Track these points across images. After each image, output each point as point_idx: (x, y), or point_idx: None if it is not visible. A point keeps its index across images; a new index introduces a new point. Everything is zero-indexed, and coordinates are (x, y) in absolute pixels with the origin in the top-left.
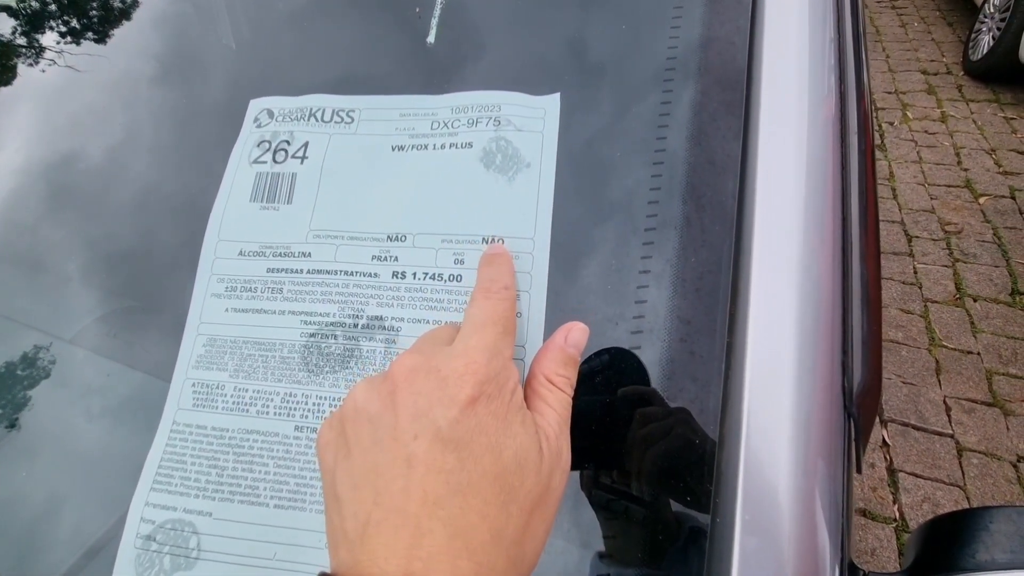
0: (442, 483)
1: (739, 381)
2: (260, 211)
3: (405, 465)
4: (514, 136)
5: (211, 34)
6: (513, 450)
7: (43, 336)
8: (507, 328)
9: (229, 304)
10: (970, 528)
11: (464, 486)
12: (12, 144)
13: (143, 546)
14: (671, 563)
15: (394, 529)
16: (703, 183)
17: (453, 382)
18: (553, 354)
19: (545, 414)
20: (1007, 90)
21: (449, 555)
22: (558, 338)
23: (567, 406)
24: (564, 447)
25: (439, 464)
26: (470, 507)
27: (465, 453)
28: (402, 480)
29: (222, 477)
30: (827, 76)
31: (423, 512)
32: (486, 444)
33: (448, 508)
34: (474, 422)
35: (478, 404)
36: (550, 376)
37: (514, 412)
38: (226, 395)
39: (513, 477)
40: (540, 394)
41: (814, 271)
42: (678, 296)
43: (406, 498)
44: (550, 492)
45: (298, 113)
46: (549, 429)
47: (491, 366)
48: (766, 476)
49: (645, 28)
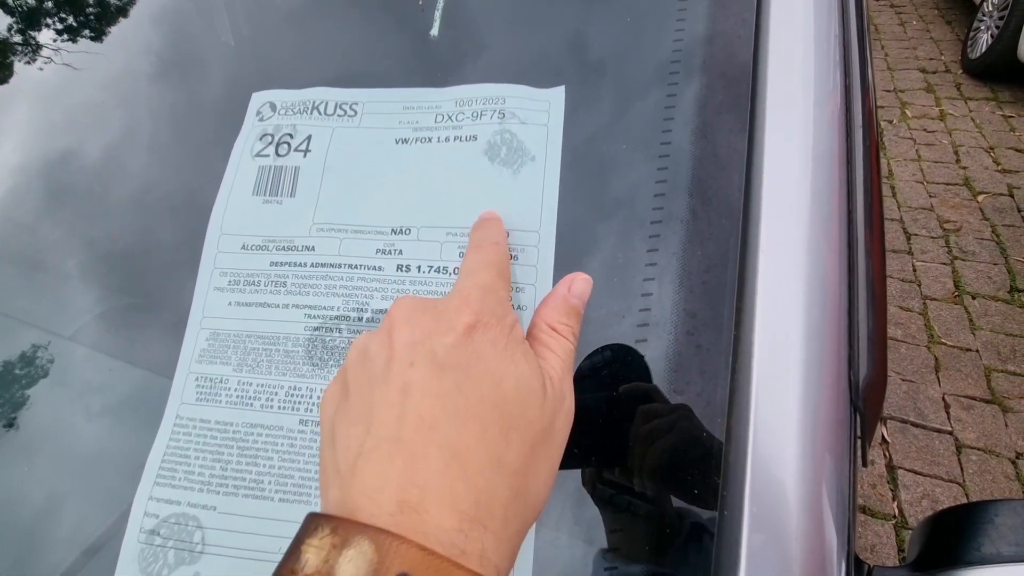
0: (438, 407)
1: (746, 375)
2: (263, 205)
3: (401, 393)
4: (519, 129)
5: (210, 29)
6: (514, 378)
7: (44, 333)
8: (501, 272)
9: (232, 298)
10: (975, 521)
11: (461, 409)
12: (13, 142)
13: (147, 540)
14: (677, 558)
15: (387, 457)
16: (709, 177)
17: (450, 313)
18: (556, 303)
19: (548, 359)
20: (1005, 88)
21: (446, 479)
22: (561, 288)
23: (571, 353)
24: (568, 392)
25: (435, 388)
26: (467, 430)
27: (462, 376)
28: (397, 408)
29: (226, 471)
30: (832, 72)
31: (418, 437)
32: (484, 369)
33: (444, 431)
34: (472, 348)
35: (475, 331)
36: (553, 324)
37: (515, 344)
38: (230, 389)
39: (513, 406)
40: (542, 340)
41: (820, 265)
42: (684, 290)
43: (400, 424)
44: (554, 432)
45: (301, 106)
46: (553, 371)
47: (487, 299)
48: (773, 470)
49: (650, 21)
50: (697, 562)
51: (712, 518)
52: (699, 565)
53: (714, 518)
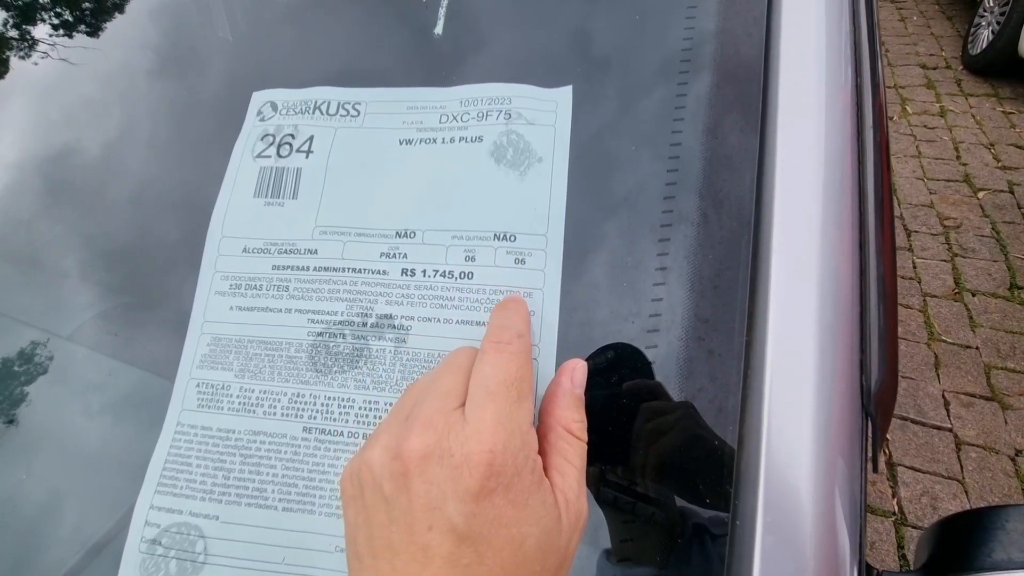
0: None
1: (758, 381)
2: (264, 207)
3: (422, 554)
4: (525, 130)
5: (208, 25)
6: (535, 538)
7: (43, 333)
8: (522, 391)
9: (234, 302)
10: (986, 527)
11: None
12: (14, 140)
13: (148, 550)
14: (688, 565)
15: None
16: (720, 177)
17: (467, 472)
18: (565, 400)
19: (566, 473)
20: (1006, 84)
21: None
22: (564, 381)
23: (584, 456)
24: (583, 507)
25: (455, 558)
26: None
27: (483, 547)
28: (418, 566)
29: (228, 479)
30: (844, 69)
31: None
32: (506, 537)
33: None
34: (492, 514)
35: (495, 495)
36: (568, 426)
37: (534, 494)
38: (232, 395)
39: (534, 564)
40: (559, 448)
41: (832, 268)
42: (695, 294)
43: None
44: (567, 558)
45: (302, 106)
46: (570, 492)
47: (508, 448)
48: (786, 477)
49: (659, 18)
50: (708, 565)
51: (724, 525)
52: (711, 568)
53: (726, 525)
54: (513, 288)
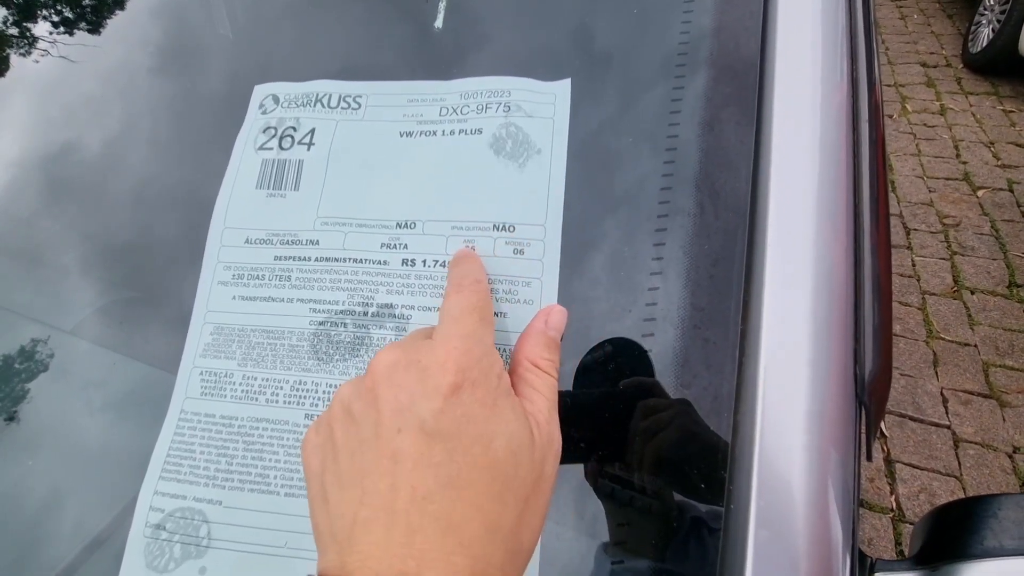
0: (431, 477)
1: (753, 369)
2: (267, 198)
3: (391, 461)
4: (524, 122)
5: (209, 20)
6: (505, 437)
7: (46, 327)
8: (484, 316)
9: (236, 292)
10: (978, 515)
11: (454, 478)
12: (18, 136)
13: (153, 535)
14: (683, 550)
15: (383, 528)
16: (716, 170)
17: (434, 371)
18: (536, 338)
19: (533, 399)
20: (1006, 83)
21: (443, 551)
22: (538, 322)
23: (554, 389)
24: (555, 432)
25: (426, 457)
26: (462, 500)
27: (453, 443)
28: (389, 477)
29: (231, 466)
30: (840, 65)
31: (412, 508)
32: (475, 433)
33: (439, 502)
34: (460, 411)
35: (462, 392)
36: (535, 360)
37: (502, 398)
38: (234, 383)
39: (506, 466)
40: (526, 379)
41: (827, 259)
42: (691, 283)
43: (394, 495)
44: (544, 479)
45: (304, 99)
46: (539, 415)
47: (472, 352)
48: (780, 464)
49: (657, 13)
50: (703, 555)
51: (718, 511)
52: (705, 558)
53: (720, 511)
54: (513, 277)
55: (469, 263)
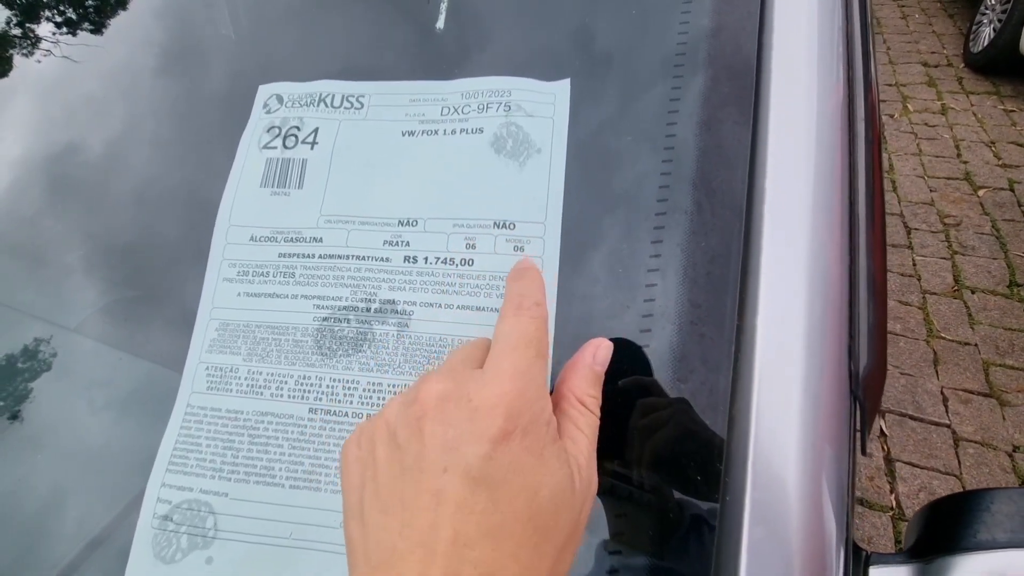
0: (473, 524)
1: (749, 364)
2: (271, 196)
3: (434, 499)
4: (524, 121)
5: (213, 22)
6: (549, 489)
7: (51, 326)
8: (540, 351)
9: (241, 288)
10: (971, 509)
11: (496, 528)
12: (26, 136)
13: (160, 526)
14: (680, 543)
15: (420, 564)
16: (713, 169)
17: (484, 414)
18: (583, 373)
19: (577, 441)
20: (1007, 83)
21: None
22: (587, 356)
23: (596, 429)
24: (594, 475)
25: (470, 504)
26: (502, 550)
27: (498, 493)
28: (430, 514)
29: (237, 458)
30: (836, 66)
31: (452, 552)
32: (521, 484)
33: (479, 550)
34: (508, 460)
35: (512, 440)
36: (582, 398)
37: (550, 445)
38: (240, 378)
39: (548, 517)
40: (572, 417)
41: (822, 256)
42: (688, 280)
43: (434, 535)
44: (580, 523)
45: (307, 99)
46: (581, 458)
47: (525, 396)
48: (775, 457)
49: (655, 14)
50: (699, 546)
51: (714, 504)
52: (701, 550)
53: (716, 504)
54: None
55: (530, 280)
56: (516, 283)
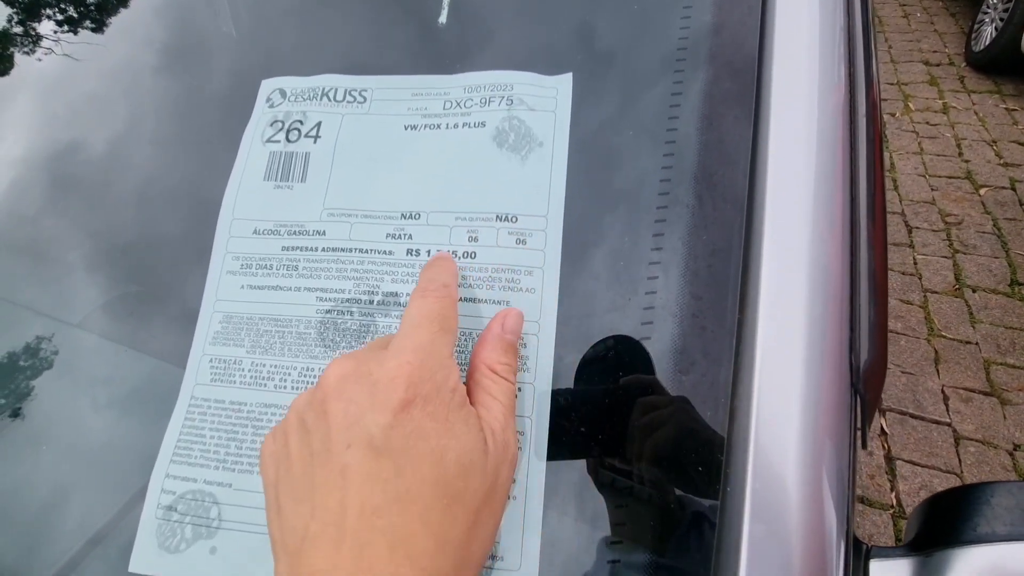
0: (379, 492)
1: (750, 356)
2: (274, 190)
3: (340, 476)
4: (527, 115)
5: (214, 17)
6: (456, 452)
7: (55, 322)
8: (444, 326)
9: (245, 281)
10: (972, 502)
11: (403, 493)
12: (32, 133)
13: (164, 516)
14: (682, 534)
15: (333, 543)
16: (714, 164)
17: (384, 385)
18: (493, 343)
19: (491, 407)
20: (1009, 81)
21: (391, 565)
22: (495, 327)
23: (512, 395)
24: (511, 438)
25: (375, 473)
26: (410, 514)
27: (402, 460)
28: (338, 492)
29: (241, 449)
30: (837, 63)
31: (361, 524)
32: (425, 449)
33: (387, 517)
34: (410, 427)
35: (413, 407)
36: (492, 365)
37: (455, 411)
38: (243, 370)
39: (456, 480)
40: (484, 386)
41: (823, 251)
42: (690, 273)
43: (343, 511)
44: (497, 487)
45: (310, 93)
46: (495, 423)
47: (425, 365)
48: (776, 450)
49: (657, 9)
50: (700, 540)
51: (715, 498)
52: (701, 543)
53: (717, 498)
54: (515, 267)
55: (440, 266)
56: (427, 271)
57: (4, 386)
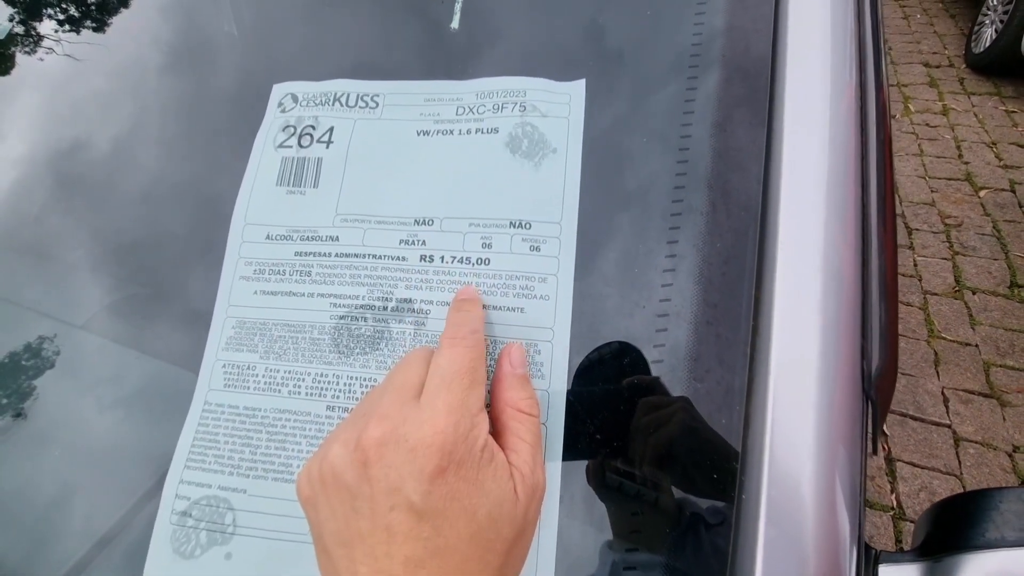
0: (421, 548)
1: (764, 363)
2: (287, 195)
3: (386, 533)
4: (540, 121)
5: (226, 21)
6: (487, 508)
7: (67, 326)
8: (474, 380)
9: (258, 287)
10: (980, 508)
11: (442, 548)
12: (46, 140)
13: (179, 522)
14: (697, 539)
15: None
16: (728, 170)
17: (421, 453)
18: (509, 381)
19: (518, 449)
20: (1009, 83)
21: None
22: (505, 366)
23: (538, 431)
24: (540, 478)
25: (416, 533)
26: (449, 566)
27: (440, 520)
28: (385, 546)
29: (255, 455)
30: (848, 67)
31: (406, 572)
32: (459, 508)
33: (429, 568)
34: (445, 490)
35: (448, 473)
36: (516, 404)
37: (485, 469)
38: (257, 376)
39: (488, 532)
40: (511, 428)
41: (836, 257)
42: (704, 280)
43: (390, 561)
44: (526, 527)
45: (322, 98)
46: (524, 466)
47: (459, 429)
48: (790, 455)
49: (670, 15)
50: (716, 544)
51: (730, 501)
52: (717, 547)
53: (732, 503)
54: (529, 274)
55: (468, 310)
56: (454, 314)
57: (21, 387)
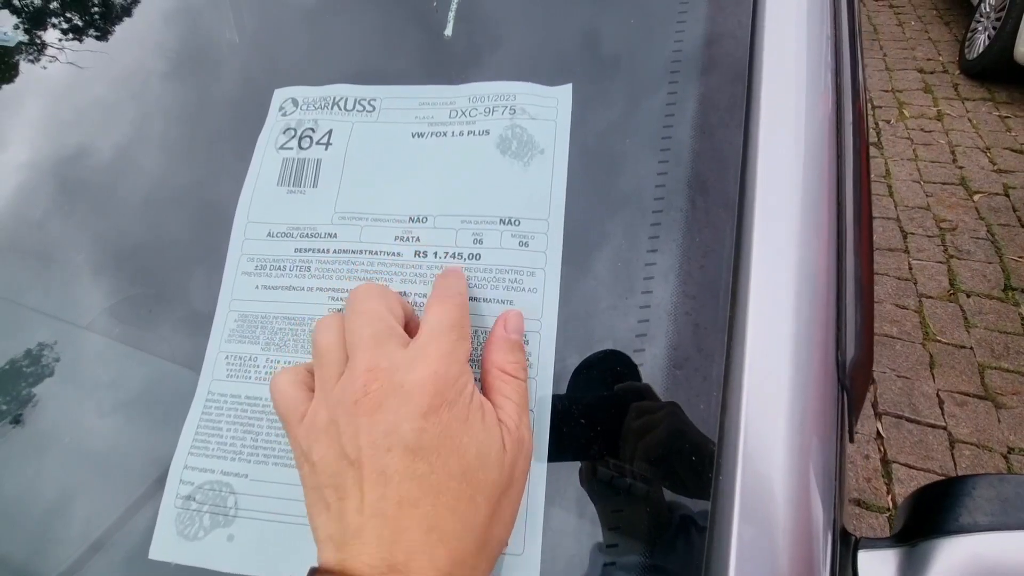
0: (415, 487)
1: (740, 352)
2: (287, 194)
3: (382, 476)
4: (528, 124)
5: (228, 28)
6: (476, 448)
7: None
8: (462, 333)
9: (259, 281)
10: (954, 494)
11: (434, 486)
12: (52, 143)
13: (183, 505)
14: (674, 528)
15: (376, 530)
16: (707, 170)
17: (415, 393)
18: (500, 344)
19: (504, 407)
20: (1002, 89)
21: (426, 546)
22: (499, 329)
23: (524, 392)
24: (526, 435)
25: (411, 470)
26: (441, 504)
27: (433, 457)
28: (380, 488)
29: (256, 442)
30: (824, 73)
31: (401, 514)
32: (452, 446)
33: (422, 507)
34: (438, 429)
35: (440, 411)
36: (503, 366)
37: (474, 412)
38: (258, 366)
39: (478, 472)
40: (496, 387)
41: (810, 251)
42: (683, 273)
43: (384, 504)
44: (515, 480)
45: (321, 102)
46: (509, 421)
47: (450, 372)
48: (765, 439)
49: (652, 22)
50: (691, 535)
51: (706, 494)
52: (693, 538)
53: (709, 490)
54: (518, 267)
55: (454, 276)
56: (442, 279)
57: (29, 386)
